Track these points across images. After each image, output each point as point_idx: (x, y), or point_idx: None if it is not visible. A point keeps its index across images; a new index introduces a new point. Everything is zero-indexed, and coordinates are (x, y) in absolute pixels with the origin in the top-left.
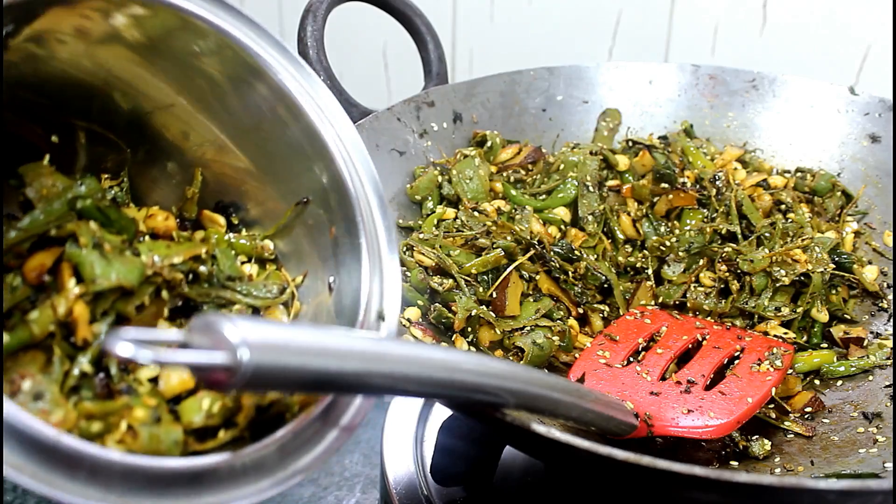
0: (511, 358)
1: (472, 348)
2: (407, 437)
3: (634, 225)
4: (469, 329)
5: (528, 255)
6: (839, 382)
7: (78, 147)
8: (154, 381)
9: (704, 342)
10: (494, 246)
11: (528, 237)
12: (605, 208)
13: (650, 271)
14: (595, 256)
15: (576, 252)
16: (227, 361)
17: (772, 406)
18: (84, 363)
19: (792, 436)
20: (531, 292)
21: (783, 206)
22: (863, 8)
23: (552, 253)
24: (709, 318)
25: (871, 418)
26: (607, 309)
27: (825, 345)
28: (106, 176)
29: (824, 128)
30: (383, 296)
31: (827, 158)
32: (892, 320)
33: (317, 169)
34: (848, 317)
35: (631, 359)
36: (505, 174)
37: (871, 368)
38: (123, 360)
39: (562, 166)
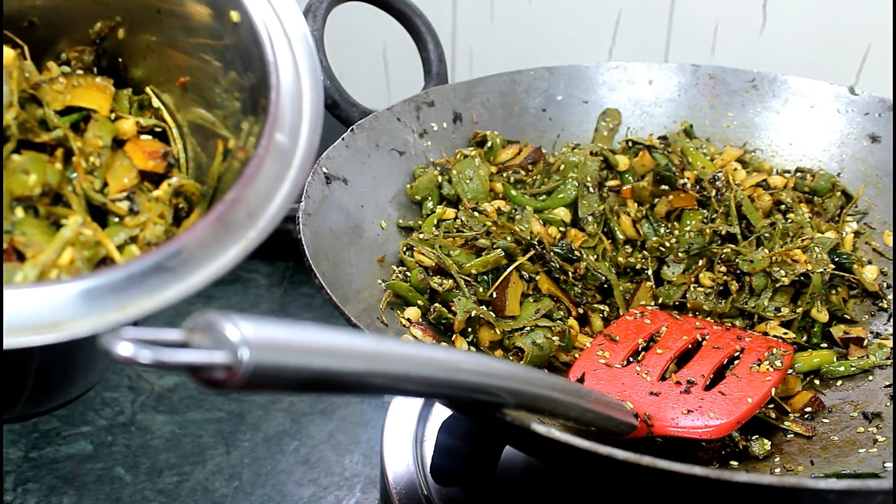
0: (511, 358)
1: (472, 348)
2: (407, 437)
3: (634, 225)
4: (469, 329)
5: (528, 255)
6: (839, 382)
7: None
8: None
9: (704, 342)
10: (494, 246)
11: (528, 237)
12: (605, 209)
13: (650, 272)
14: (595, 257)
15: (576, 252)
16: (227, 361)
17: (772, 406)
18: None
19: (792, 436)
20: (531, 292)
21: (783, 207)
22: (863, 8)
23: (552, 253)
24: (708, 319)
25: (871, 418)
26: (607, 309)
27: (825, 345)
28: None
29: (824, 128)
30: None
31: (827, 158)
32: (892, 320)
33: None
34: (848, 317)
35: (631, 359)
36: (505, 174)
37: (871, 368)
38: (124, 360)
39: (562, 167)
